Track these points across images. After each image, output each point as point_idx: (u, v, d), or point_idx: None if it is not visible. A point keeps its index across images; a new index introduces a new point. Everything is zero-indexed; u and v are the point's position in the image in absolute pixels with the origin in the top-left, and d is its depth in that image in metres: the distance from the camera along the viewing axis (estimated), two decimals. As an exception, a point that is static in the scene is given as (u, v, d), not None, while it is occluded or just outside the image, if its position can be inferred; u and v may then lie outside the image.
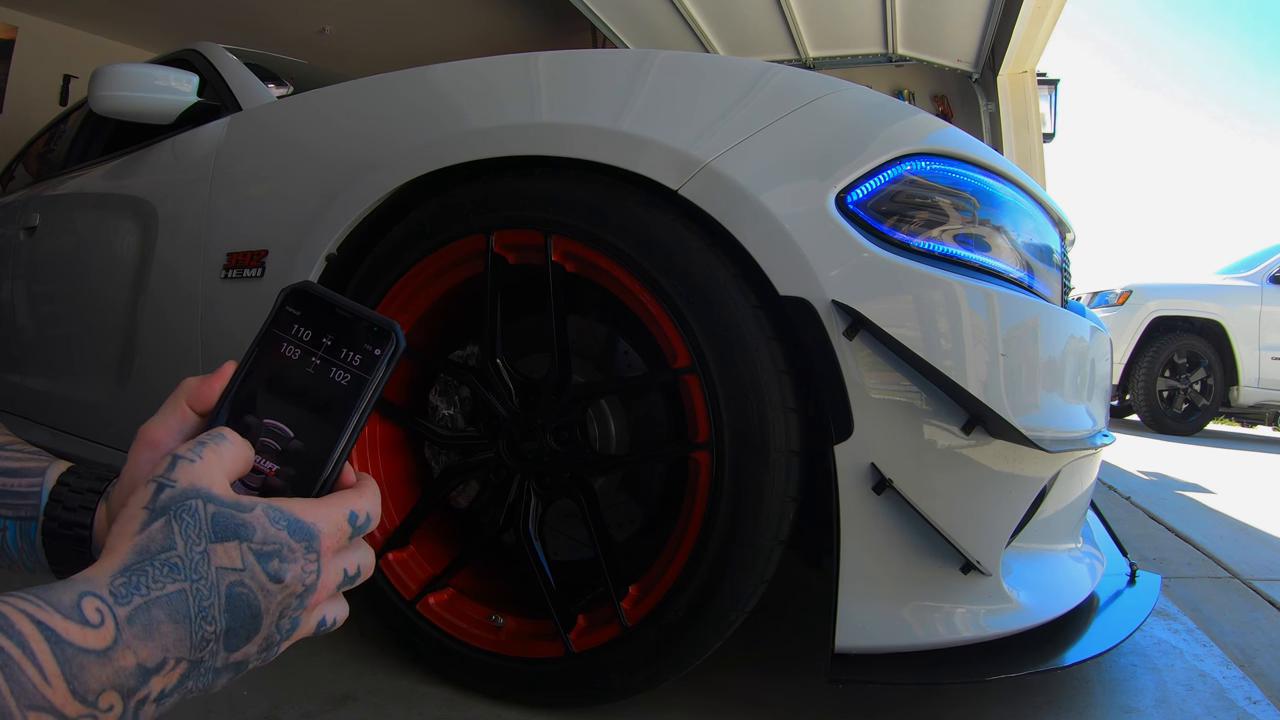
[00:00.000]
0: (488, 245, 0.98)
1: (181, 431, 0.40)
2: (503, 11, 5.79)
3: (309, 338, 0.40)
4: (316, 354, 0.40)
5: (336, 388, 0.40)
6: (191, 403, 0.41)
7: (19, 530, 0.44)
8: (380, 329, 0.40)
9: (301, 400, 0.40)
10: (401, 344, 0.41)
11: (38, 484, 0.44)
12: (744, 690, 1.05)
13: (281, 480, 0.39)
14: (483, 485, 1.08)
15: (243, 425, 0.39)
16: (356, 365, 0.40)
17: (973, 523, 0.86)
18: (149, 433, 0.40)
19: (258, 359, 0.40)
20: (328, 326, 0.40)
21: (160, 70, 1.58)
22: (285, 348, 0.40)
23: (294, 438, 0.39)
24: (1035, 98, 5.25)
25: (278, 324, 0.40)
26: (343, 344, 0.40)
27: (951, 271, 0.85)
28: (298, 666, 1.04)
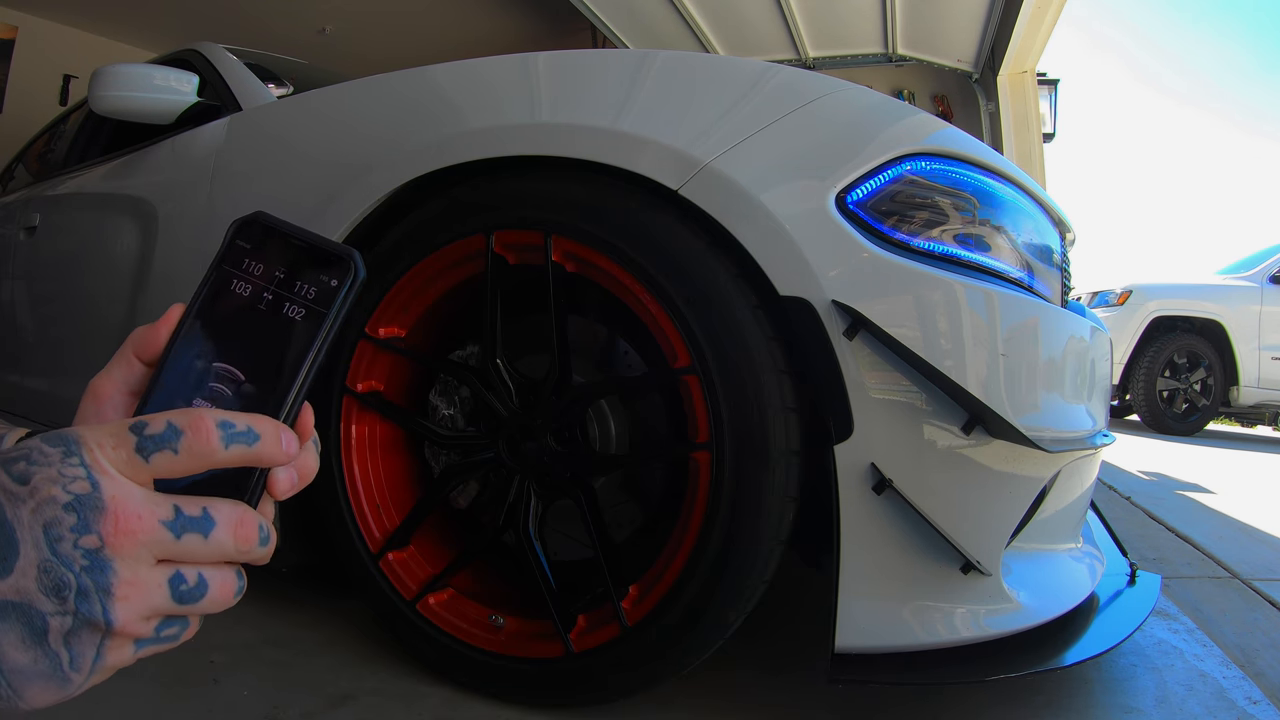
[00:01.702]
0: (488, 245, 0.98)
1: (127, 383, 0.38)
2: (503, 11, 5.79)
3: (260, 272, 0.37)
4: (268, 289, 0.37)
5: (288, 324, 0.36)
6: (138, 352, 0.38)
7: None
8: (338, 257, 0.37)
9: (252, 340, 0.36)
10: (360, 273, 0.37)
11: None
12: (744, 690, 1.05)
13: None
14: (483, 485, 1.08)
15: (191, 370, 0.36)
16: (311, 299, 0.36)
17: (973, 523, 0.86)
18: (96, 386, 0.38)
19: (206, 299, 0.37)
20: (280, 259, 0.37)
21: (160, 70, 1.58)
22: (236, 284, 0.37)
23: (245, 381, 0.36)
24: (1035, 98, 5.25)
25: (228, 260, 0.37)
26: (297, 277, 0.37)
27: (951, 271, 0.85)
28: (298, 666, 1.04)
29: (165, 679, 0.98)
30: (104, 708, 0.90)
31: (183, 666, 1.02)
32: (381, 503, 1.09)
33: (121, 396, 0.38)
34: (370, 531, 1.07)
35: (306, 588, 1.35)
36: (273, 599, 1.29)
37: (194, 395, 0.36)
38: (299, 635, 1.15)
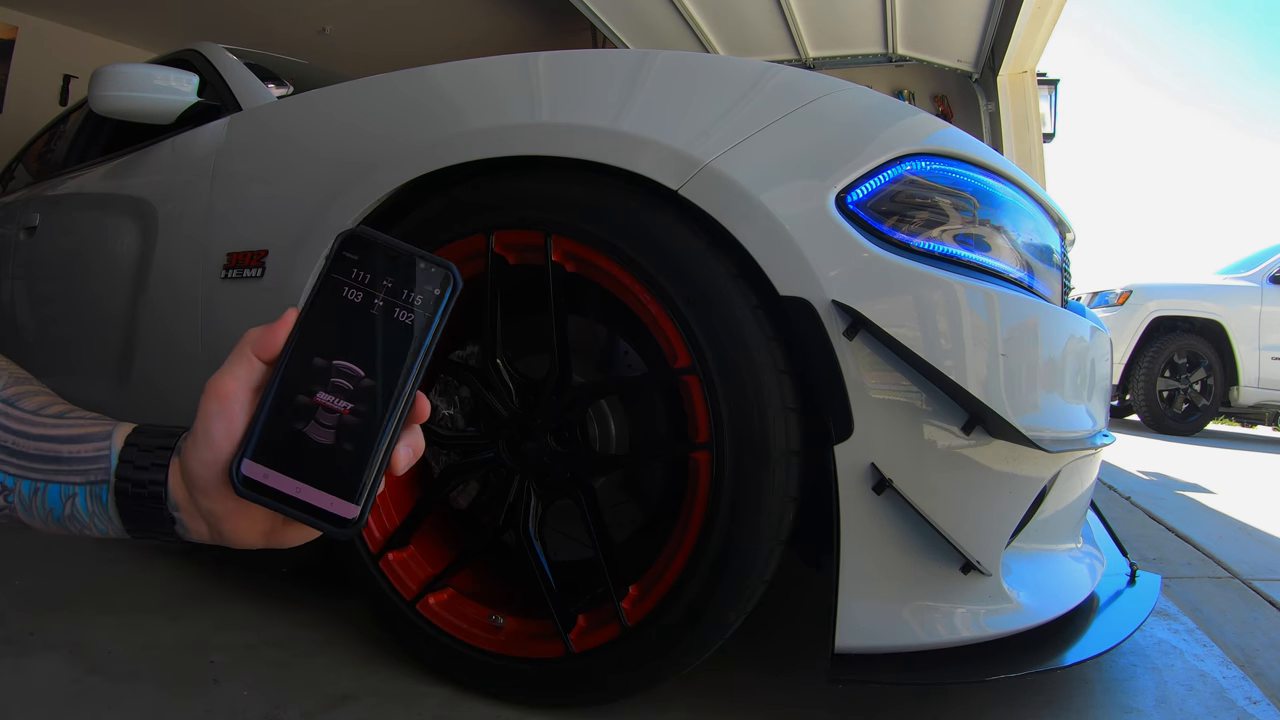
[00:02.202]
0: (488, 245, 0.98)
1: (249, 381, 0.41)
2: (503, 11, 5.78)
3: (368, 280, 0.41)
4: (378, 296, 0.41)
5: (401, 327, 0.41)
6: (257, 352, 0.42)
7: (89, 494, 0.45)
8: (437, 269, 0.42)
9: (369, 340, 0.41)
10: (459, 283, 0.42)
11: (105, 448, 0.45)
12: (744, 690, 1.05)
13: (355, 418, 0.40)
14: (483, 485, 1.08)
15: (312, 367, 0.40)
16: (418, 305, 0.41)
17: (973, 523, 0.86)
18: (219, 385, 0.41)
19: (319, 304, 0.41)
20: (386, 269, 0.41)
21: (160, 70, 1.58)
22: (347, 291, 0.41)
23: (364, 376, 0.40)
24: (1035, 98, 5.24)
25: (336, 269, 0.41)
26: (403, 285, 0.41)
27: (951, 271, 0.85)
28: (298, 666, 1.04)
29: (166, 679, 0.98)
30: (105, 708, 0.90)
31: (183, 667, 1.02)
32: (381, 503, 1.09)
33: (245, 394, 0.41)
34: (370, 531, 1.07)
35: (306, 588, 1.35)
36: (273, 599, 1.29)
37: (317, 389, 0.40)
38: (299, 635, 1.15)
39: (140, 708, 0.91)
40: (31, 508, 0.45)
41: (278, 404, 0.40)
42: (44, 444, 0.45)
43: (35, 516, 0.45)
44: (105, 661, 1.02)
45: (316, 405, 0.40)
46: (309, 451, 0.40)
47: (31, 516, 0.45)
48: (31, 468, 0.45)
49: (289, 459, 0.40)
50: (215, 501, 0.42)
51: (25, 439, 0.45)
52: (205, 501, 0.43)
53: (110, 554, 1.48)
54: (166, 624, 1.16)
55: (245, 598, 1.29)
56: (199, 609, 1.23)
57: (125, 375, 1.49)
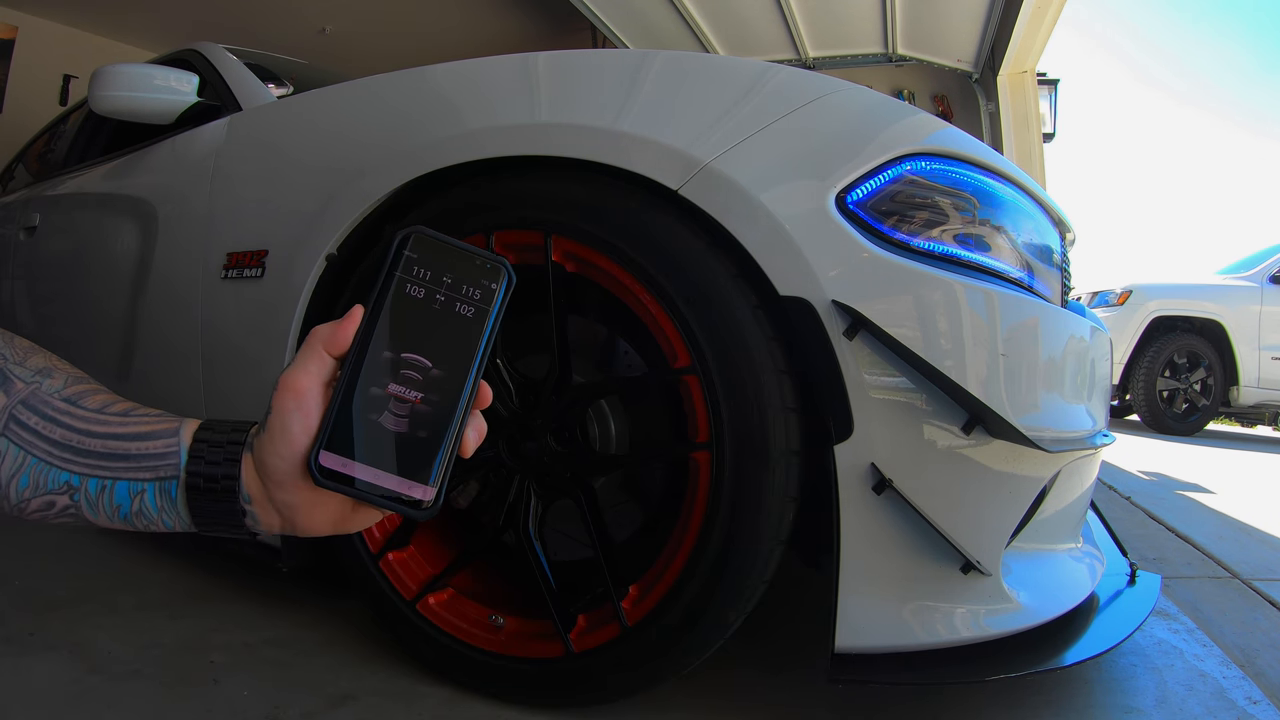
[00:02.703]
0: (488, 245, 0.98)
1: (321, 376, 0.43)
2: (503, 11, 5.78)
3: (429, 277, 0.43)
4: (439, 291, 0.43)
5: (463, 320, 0.43)
6: (328, 347, 0.43)
7: (158, 490, 0.45)
8: (493, 265, 0.45)
9: (433, 333, 0.43)
10: (513, 278, 0.45)
11: (174, 444, 0.46)
12: (744, 690, 1.05)
13: (426, 406, 0.42)
14: (483, 485, 1.08)
15: (383, 360, 0.42)
16: (478, 299, 0.44)
17: (973, 523, 0.86)
18: (293, 381, 0.43)
19: (384, 300, 0.43)
20: (445, 267, 0.44)
21: (160, 70, 1.58)
22: (410, 288, 0.43)
23: (433, 367, 0.43)
24: (1035, 98, 5.24)
25: (398, 268, 0.43)
26: (462, 281, 0.44)
27: (951, 271, 0.85)
28: (298, 666, 1.04)
29: (166, 679, 0.98)
30: (105, 708, 0.90)
31: (183, 666, 1.02)
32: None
33: (317, 388, 0.43)
34: (370, 531, 1.07)
35: (306, 588, 1.35)
36: (273, 599, 1.29)
37: (389, 381, 0.42)
38: (299, 635, 1.15)
39: (140, 708, 0.91)
40: (98, 505, 0.46)
41: (350, 395, 0.42)
42: (111, 442, 0.46)
43: (101, 514, 0.46)
44: (105, 661, 1.02)
45: (389, 396, 0.42)
46: (384, 440, 0.42)
47: (97, 514, 0.46)
48: (99, 466, 0.45)
49: (365, 448, 0.42)
50: (291, 493, 0.43)
51: (92, 438, 0.46)
52: (281, 494, 0.44)
53: (110, 554, 1.48)
54: (166, 624, 1.16)
55: (245, 598, 1.29)
56: (199, 609, 1.23)
57: (125, 375, 1.49)
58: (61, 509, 0.46)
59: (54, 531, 1.61)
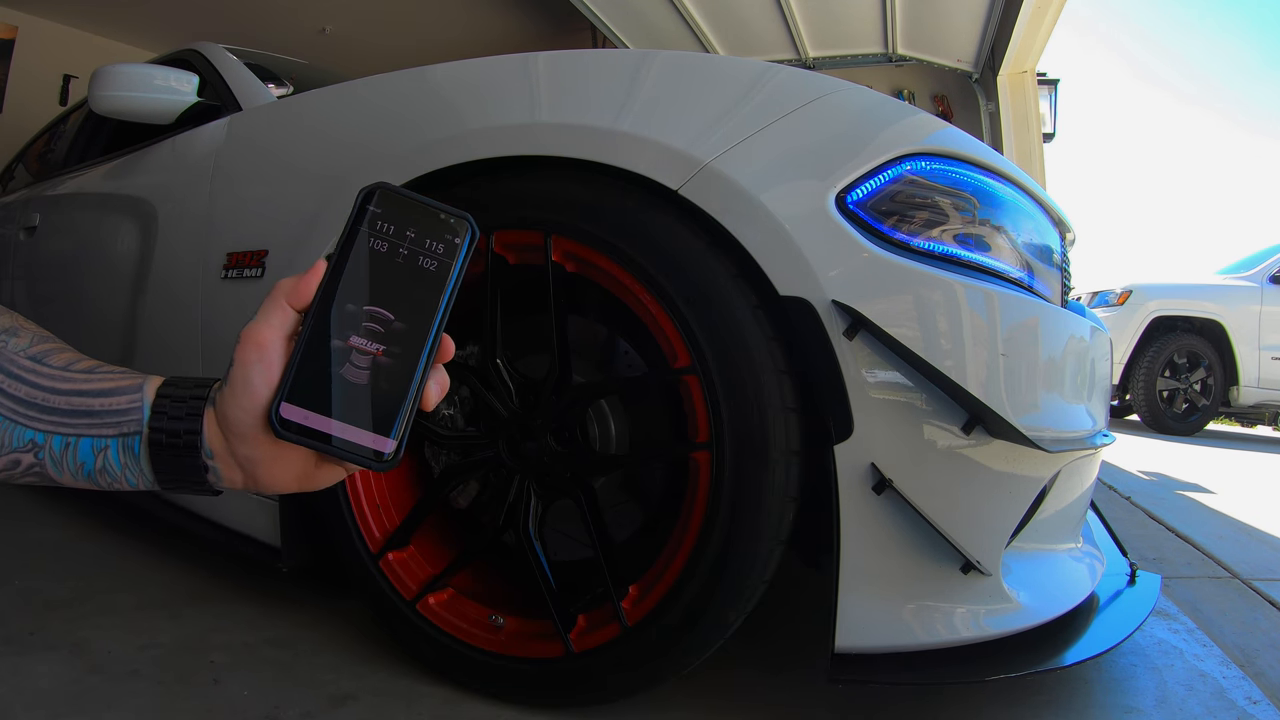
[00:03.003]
0: (488, 245, 0.98)
1: (284, 329, 0.43)
2: (503, 11, 5.78)
3: (393, 232, 0.44)
4: (403, 246, 0.44)
5: (426, 274, 0.44)
6: (291, 301, 0.43)
7: (122, 446, 0.45)
8: (456, 220, 0.45)
9: (396, 287, 0.43)
10: (477, 232, 0.45)
11: (137, 400, 0.46)
12: (744, 690, 1.05)
13: (388, 358, 0.43)
14: (483, 485, 1.08)
15: (345, 313, 0.43)
16: (441, 253, 0.44)
17: (973, 523, 0.86)
18: (255, 333, 0.43)
19: (348, 254, 0.43)
20: (408, 221, 0.44)
21: (160, 70, 1.58)
22: (374, 243, 0.43)
23: (395, 319, 0.43)
24: (1035, 98, 5.24)
25: (361, 221, 0.44)
26: (425, 235, 0.44)
27: (951, 271, 0.85)
28: (298, 666, 1.04)
29: (165, 679, 0.98)
30: (105, 708, 0.90)
31: (183, 666, 1.02)
32: (381, 503, 1.09)
33: (280, 341, 0.43)
34: (370, 531, 1.07)
35: (306, 588, 1.35)
36: (273, 599, 1.29)
37: (351, 334, 0.42)
38: (299, 635, 1.15)
39: (140, 708, 0.91)
40: (62, 463, 0.46)
41: (313, 348, 0.42)
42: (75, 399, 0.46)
43: (65, 471, 0.46)
44: (105, 661, 1.02)
45: (351, 348, 0.42)
46: (345, 392, 0.42)
47: (61, 472, 0.46)
48: (63, 423, 0.45)
49: (326, 400, 0.42)
50: (253, 447, 0.43)
51: (56, 395, 0.46)
52: (243, 448, 0.44)
53: (110, 554, 1.48)
54: (166, 624, 1.16)
55: (245, 598, 1.29)
56: (199, 609, 1.23)
57: (125, 375, 1.48)
58: (27, 467, 0.46)
59: (54, 531, 1.61)
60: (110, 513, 1.74)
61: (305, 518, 1.15)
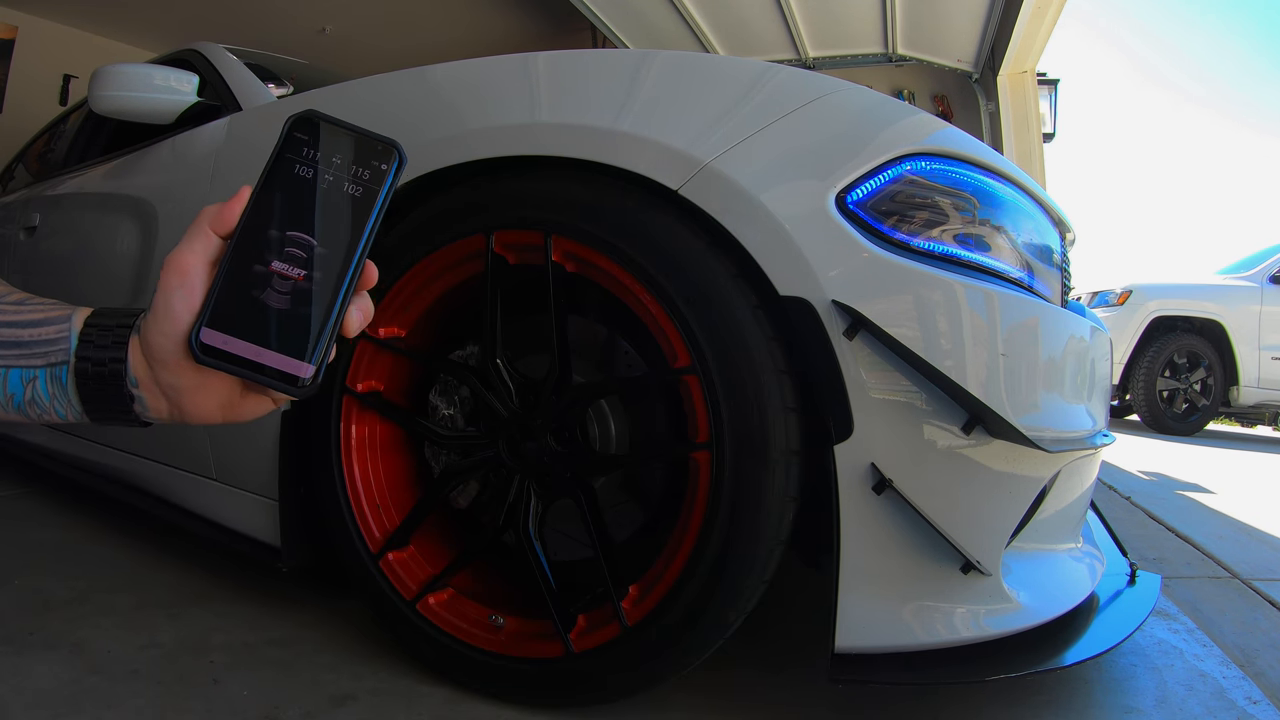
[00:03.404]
0: (488, 245, 0.98)
1: (207, 254, 0.43)
2: (503, 11, 5.78)
3: (318, 158, 0.44)
4: (328, 172, 0.44)
5: (350, 199, 0.44)
6: (214, 226, 0.43)
7: (50, 377, 0.46)
8: (384, 147, 0.45)
9: (320, 213, 0.43)
10: (404, 159, 0.45)
11: (65, 330, 0.46)
12: (744, 690, 1.05)
13: (309, 283, 0.43)
14: (483, 485, 1.08)
15: (268, 238, 0.42)
16: (366, 179, 0.44)
17: (973, 523, 0.86)
18: (178, 259, 0.43)
19: (272, 181, 0.43)
20: (334, 148, 0.44)
21: (160, 70, 1.58)
22: (298, 169, 0.43)
23: (318, 245, 0.43)
24: (1035, 98, 5.24)
25: (287, 149, 0.44)
26: (351, 161, 0.44)
27: (951, 271, 0.85)
28: (298, 666, 1.04)
29: (165, 679, 0.98)
30: (105, 708, 0.90)
31: (183, 666, 1.02)
32: (381, 503, 1.09)
33: (203, 267, 0.43)
34: (370, 531, 1.07)
35: (306, 588, 1.35)
36: (273, 599, 1.29)
37: (272, 259, 0.42)
38: (299, 635, 1.15)
39: (140, 708, 0.91)
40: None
41: (234, 273, 0.42)
42: (4, 330, 0.46)
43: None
44: (105, 661, 1.02)
45: (272, 273, 0.42)
46: (265, 316, 0.42)
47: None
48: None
49: (246, 324, 0.42)
50: (175, 374, 0.44)
51: None
52: (165, 374, 0.44)
53: (111, 554, 1.48)
54: (166, 624, 1.16)
55: (245, 598, 1.29)
56: (199, 609, 1.23)
57: (125, 375, 1.48)
58: None
59: (54, 531, 1.61)
60: (111, 513, 1.74)
61: (305, 517, 1.15)
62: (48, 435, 1.82)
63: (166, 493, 1.44)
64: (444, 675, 1.02)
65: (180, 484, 1.40)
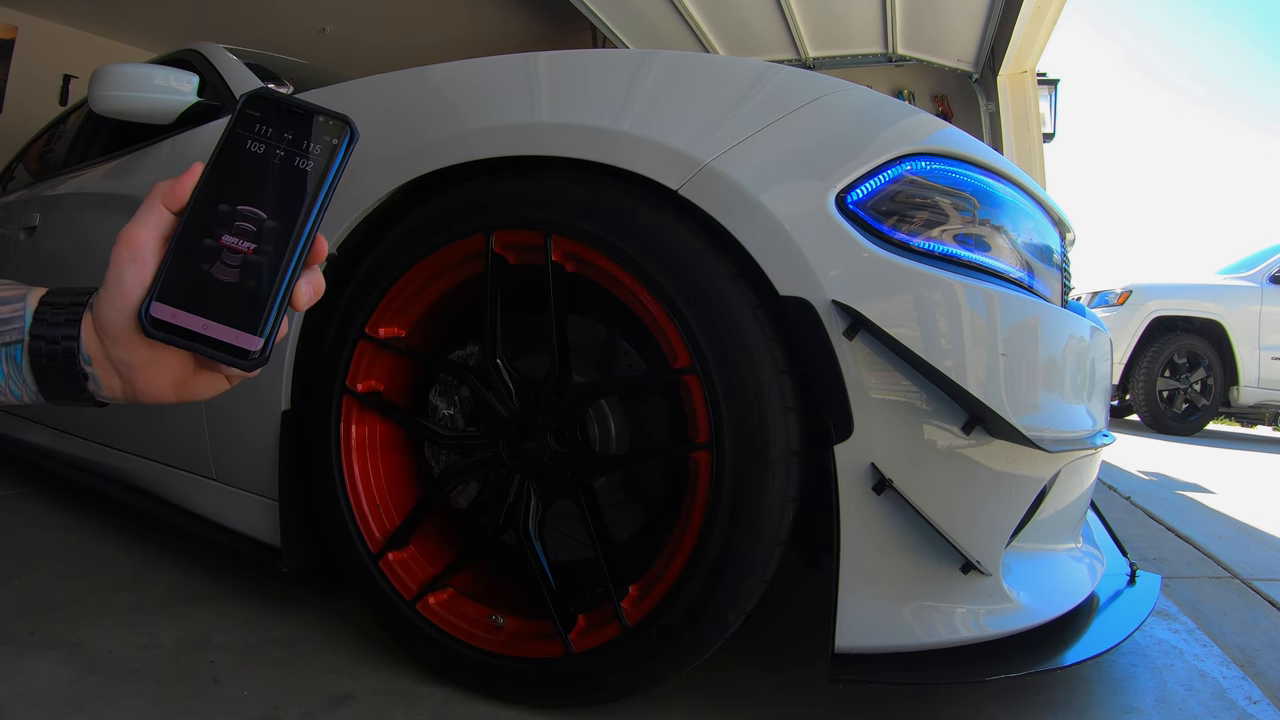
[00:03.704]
0: (488, 245, 0.98)
1: (159, 229, 0.43)
2: (503, 11, 5.78)
3: (270, 134, 0.44)
4: (280, 147, 0.44)
5: (301, 174, 0.44)
6: (166, 202, 0.44)
7: (5, 356, 0.46)
8: (335, 122, 0.45)
9: (270, 188, 0.44)
10: (356, 134, 0.46)
11: (19, 309, 0.46)
12: (744, 690, 1.06)
13: (259, 257, 0.43)
14: (483, 485, 1.08)
15: (218, 213, 0.43)
16: (317, 154, 0.45)
17: (973, 523, 0.86)
18: (130, 234, 0.43)
19: (225, 157, 0.44)
20: (286, 124, 0.45)
21: (160, 70, 1.58)
22: (250, 144, 0.44)
23: (267, 219, 0.43)
24: (1035, 98, 5.24)
25: (240, 125, 0.44)
26: (303, 137, 0.45)
27: (951, 271, 0.85)
28: (298, 666, 1.04)
29: (166, 679, 0.98)
30: (105, 708, 0.90)
31: (183, 666, 1.02)
32: (381, 503, 1.09)
33: (154, 242, 0.43)
34: (370, 531, 1.07)
35: (306, 588, 1.35)
36: (273, 599, 1.29)
37: (222, 233, 0.43)
38: (299, 635, 1.15)
39: (140, 708, 0.91)
40: None
41: (184, 247, 0.43)
42: None
43: None
44: (105, 661, 1.02)
45: (221, 247, 0.43)
46: (215, 290, 0.43)
47: None
48: None
49: (196, 298, 0.42)
50: (127, 349, 0.44)
51: None
52: (117, 350, 0.44)
53: (111, 554, 1.48)
54: (166, 624, 1.16)
55: (245, 598, 1.29)
56: (199, 609, 1.23)
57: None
58: None
59: (54, 531, 1.61)
60: (111, 513, 1.74)
61: (305, 517, 1.15)
62: (48, 435, 1.82)
63: (166, 493, 1.44)
64: (444, 675, 1.02)
65: (180, 484, 1.40)
